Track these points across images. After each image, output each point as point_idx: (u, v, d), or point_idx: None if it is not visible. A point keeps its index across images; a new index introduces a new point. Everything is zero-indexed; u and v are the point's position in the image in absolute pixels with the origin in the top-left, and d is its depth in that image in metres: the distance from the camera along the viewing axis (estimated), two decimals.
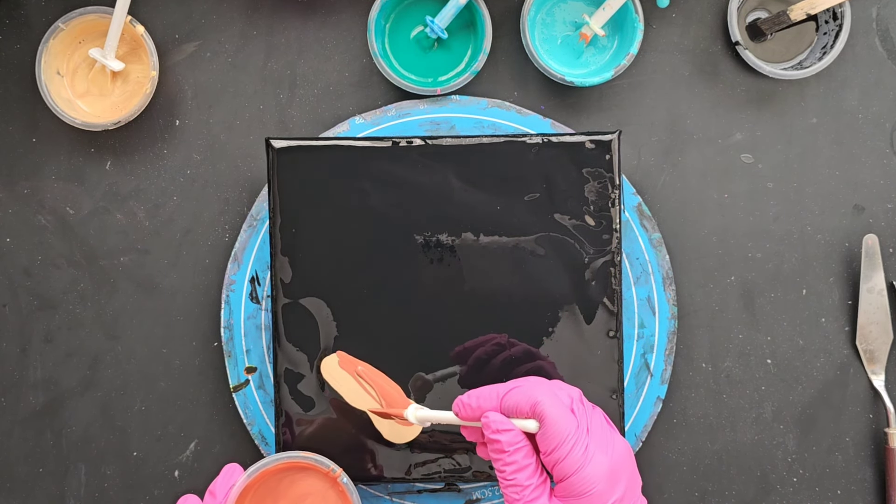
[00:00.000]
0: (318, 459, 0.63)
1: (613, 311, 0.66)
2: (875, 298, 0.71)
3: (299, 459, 0.63)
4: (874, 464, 0.71)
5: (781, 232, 0.72)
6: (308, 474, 0.65)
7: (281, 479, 0.65)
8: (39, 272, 0.72)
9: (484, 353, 0.65)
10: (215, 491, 0.62)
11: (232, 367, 0.70)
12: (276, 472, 0.64)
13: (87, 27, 0.70)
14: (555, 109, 0.72)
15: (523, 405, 0.54)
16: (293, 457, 0.63)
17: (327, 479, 0.64)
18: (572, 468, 0.53)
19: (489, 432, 0.55)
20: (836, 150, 0.72)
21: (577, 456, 0.53)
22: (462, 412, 0.56)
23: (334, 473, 0.63)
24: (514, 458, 0.54)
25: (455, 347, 0.65)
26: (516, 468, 0.54)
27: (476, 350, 0.65)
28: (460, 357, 0.65)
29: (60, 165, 0.72)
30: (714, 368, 0.71)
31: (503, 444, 0.54)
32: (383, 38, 0.71)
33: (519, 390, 0.55)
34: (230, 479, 0.62)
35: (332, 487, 0.64)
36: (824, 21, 0.71)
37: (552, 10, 0.71)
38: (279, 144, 0.66)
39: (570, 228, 0.65)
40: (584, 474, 0.53)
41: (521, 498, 0.54)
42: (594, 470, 0.53)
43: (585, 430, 0.54)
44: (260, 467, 0.62)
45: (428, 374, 0.65)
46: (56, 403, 0.72)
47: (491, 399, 0.56)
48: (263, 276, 0.70)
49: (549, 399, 0.54)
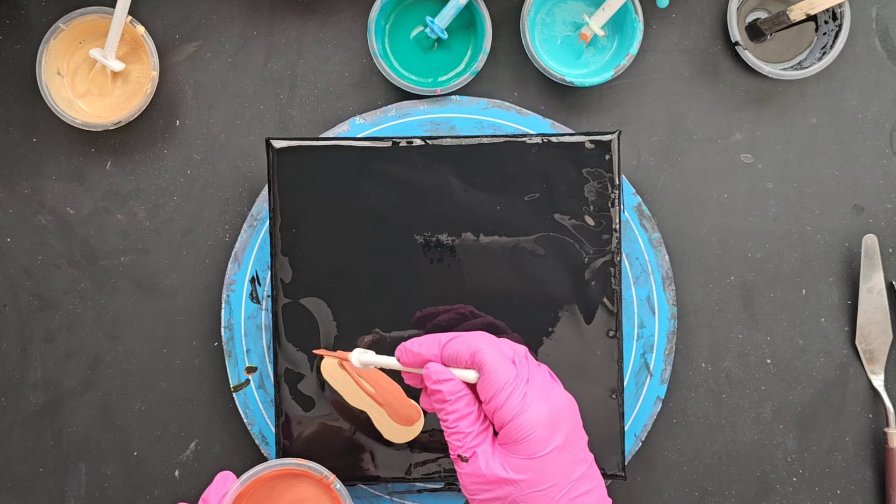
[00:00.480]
0: (311, 466, 0.63)
1: (613, 310, 0.66)
2: (875, 298, 0.71)
3: (292, 466, 0.63)
4: (874, 464, 0.71)
5: (781, 232, 0.72)
6: (301, 481, 0.65)
7: (274, 486, 0.65)
8: (40, 272, 0.72)
9: (444, 320, 0.65)
10: (208, 499, 0.62)
11: (232, 366, 0.70)
12: (270, 479, 0.64)
13: (88, 27, 0.70)
14: (555, 109, 0.72)
15: (463, 354, 0.55)
16: (286, 464, 0.63)
17: (321, 485, 0.64)
18: (510, 414, 0.54)
19: (430, 383, 0.56)
20: (835, 150, 0.72)
21: (515, 402, 0.54)
22: (404, 357, 0.57)
23: (327, 480, 0.63)
24: (456, 406, 0.55)
25: (417, 313, 0.65)
26: (458, 416, 0.55)
27: (437, 317, 0.65)
28: (420, 323, 0.65)
29: (61, 165, 0.72)
30: (714, 368, 0.71)
31: (444, 394, 0.55)
32: (383, 39, 0.71)
33: (460, 339, 0.56)
34: (223, 487, 0.62)
35: (325, 493, 0.64)
36: (824, 21, 0.71)
37: (552, 10, 0.71)
38: (279, 144, 0.66)
39: (569, 228, 0.65)
40: (521, 420, 0.54)
41: (463, 444, 0.55)
42: (532, 416, 0.54)
43: (525, 379, 0.55)
44: (253, 475, 0.62)
45: (386, 333, 0.65)
46: (56, 403, 0.72)
47: (432, 347, 0.56)
48: (264, 276, 0.70)
49: (489, 348, 0.55)
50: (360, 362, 0.59)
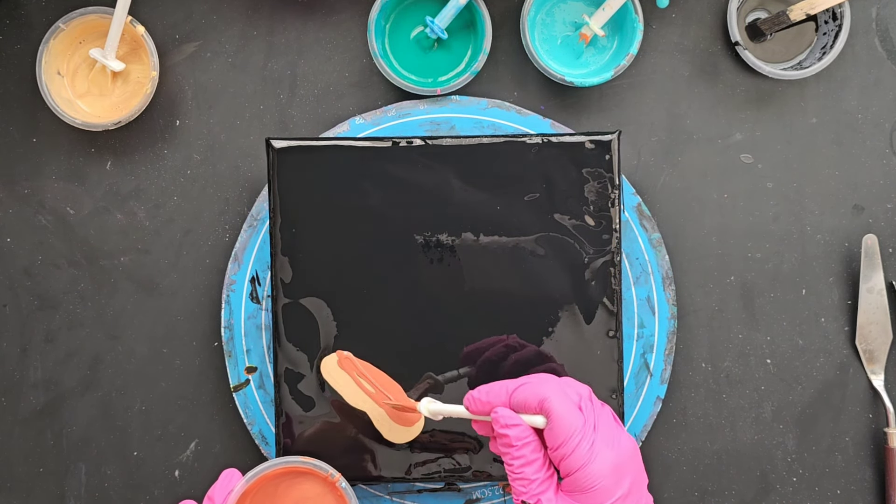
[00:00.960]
0: (316, 464, 0.63)
1: (613, 310, 0.66)
2: (875, 298, 0.71)
3: (297, 464, 0.63)
4: (874, 464, 0.71)
5: (781, 232, 0.72)
6: (306, 479, 0.65)
7: (279, 484, 0.65)
8: (40, 272, 0.72)
9: (494, 354, 0.65)
10: (213, 496, 0.62)
11: (232, 366, 0.70)
12: (274, 477, 0.64)
13: (88, 27, 0.70)
14: (555, 109, 0.72)
15: (531, 401, 0.55)
16: (291, 461, 0.63)
17: (325, 483, 0.64)
18: (578, 464, 0.54)
19: (498, 427, 0.56)
20: (835, 150, 0.72)
21: (583, 452, 0.54)
22: (472, 406, 0.58)
23: (333, 478, 0.63)
24: (522, 452, 0.55)
25: (465, 348, 0.65)
26: (524, 462, 0.55)
27: (485, 352, 0.65)
28: (469, 358, 0.66)
29: (61, 165, 0.72)
30: (714, 368, 0.71)
31: (511, 439, 0.55)
32: (383, 39, 0.71)
33: (528, 386, 0.56)
34: (228, 485, 0.62)
35: (330, 492, 0.64)
36: (824, 21, 0.71)
37: (552, 10, 0.71)
38: (279, 144, 0.66)
39: (569, 228, 0.65)
40: (589, 470, 0.54)
41: (528, 491, 0.55)
42: (599, 466, 0.54)
43: (592, 426, 0.55)
44: (258, 472, 0.62)
45: (438, 375, 0.65)
46: (56, 403, 0.72)
47: (500, 394, 0.57)
48: (264, 276, 0.70)
49: (556, 395, 0.55)
50: (429, 412, 0.60)
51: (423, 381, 0.66)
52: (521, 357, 0.65)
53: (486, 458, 0.66)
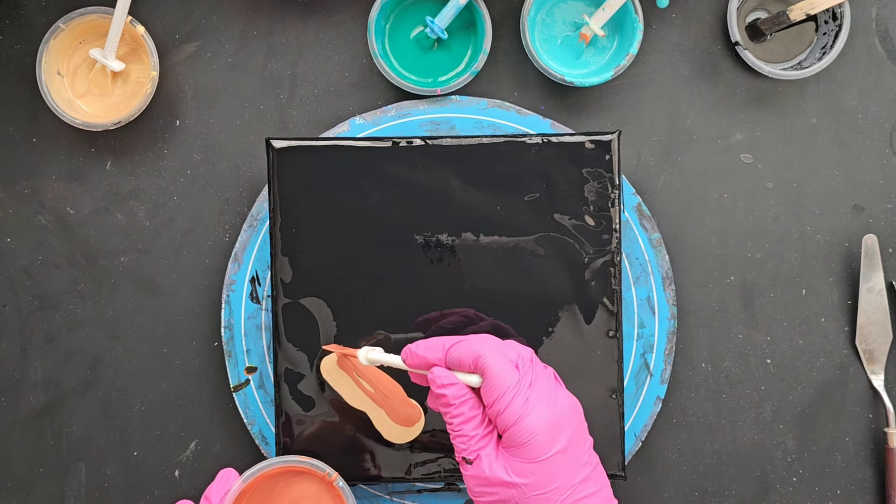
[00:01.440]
0: (313, 464, 0.63)
1: (613, 310, 0.66)
2: (875, 298, 0.71)
3: (294, 464, 0.63)
4: (874, 464, 0.71)
5: (781, 232, 0.72)
6: (303, 478, 0.65)
7: (276, 484, 0.65)
8: (40, 272, 0.72)
9: (449, 323, 0.65)
10: (210, 496, 0.62)
11: (232, 366, 0.70)
12: (272, 477, 0.64)
13: (88, 27, 0.70)
14: (555, 109, 0.72)
15: (466, 359, 0.56)
16: (288, 461, 0.63)
17: (323, 482, 0.64)
18: (512, 418, 0.54)
19: (435, 387, 0.56)
20: (835, 150, 0.72)
21: (517, 407, 0.54)
22: (409, 360, 0.58)
23: (330, 477, 0.63)
24: (461, 410, 0.56)
25: (419, 317, 0.65)
26: (462, 419, 0.56)
27: (441, 321, 0.65)
28: (423, 326, 0.65)
29: (61, 165, 0.72)
30: (714, 368, 0.71)
31: (448, 398, 0.56)
32: (383, 39, 0.71)
33: (463, 344, 0.57)
34: (225, 484, 0.62)
35: (327, 491, 0.64)
36: (824, 21, 0.71)
37: (552, 10, 0.71)
38: (279, 144, 0.66)
39: (569, 228, 0.66)
40: (523, 424, 0.54)
41: (467, 447, 0.55)
42: (533, 421, 0.54)
43: (528, 384, 0.55)
44: (255, 472, 0.63)
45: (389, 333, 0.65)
46: (56, 403, 0.72)
47: (436, 351, 0.57)
48: (264, 276, 0.70)
49: (491, 352, 0.56)
50: (367, 359, 0.60)
51: (374, 336, 0.65)
52: (476, 328, 0.65)
53: None
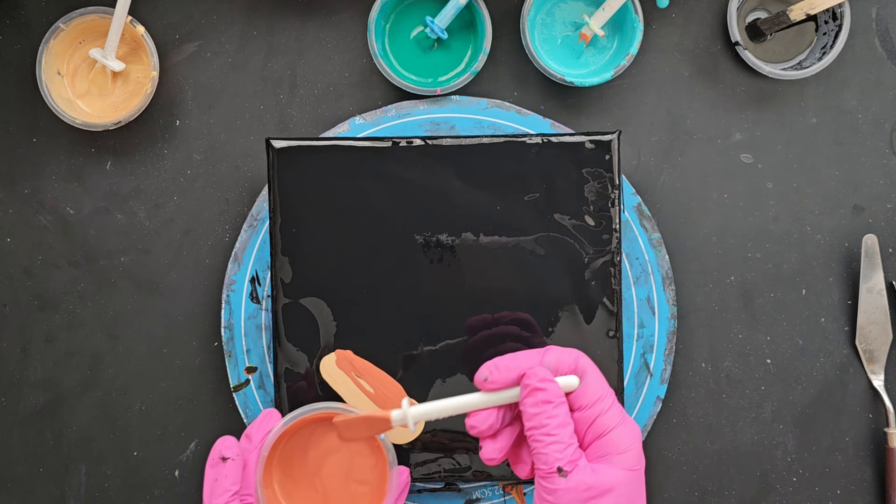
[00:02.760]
0: (355, 412, 0.62)
1: (613, 310, 0.66)
2: (875, 298, 0.71)
3: (338, 410, 0.62)
4: (874, 464, 0.71)
5: (781, 232, 0.72)
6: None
7: (315, 430, 0.64)
8: (40, 272, 0.72)
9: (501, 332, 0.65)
10: (252, 435, 0.61)
11: (232, 366, 0.70)
12: (312, 422, 0.63)
13: (88, 27, 0.70)
14: (555, 109, 0.72)
15: (566, 360, 0.52)
16: (331, 407, 0.62)
17: None
18: (612, 423, 0.51)
19: (535, 381, 0.51)
20: (835, 150, 0.72)
21: (617, 412, 0.52)
22: (494, 374, 0.52)
23: None
24: (558, 411, 0.51)
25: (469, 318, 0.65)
26: (559, 422, 0.51)
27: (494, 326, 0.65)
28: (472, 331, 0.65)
29: (61, 165, 0.72)
30: (714, 368, 0.71)
31: (549, 394, 0.51)
32: (383, 39, 0.71)
33: (558, 348, 0.53)
34: (268, 425, 0.62)
35: (367, 440, 0.63)
36: (824, 21, 0.71)
37: (552, 10, 0.71)
38: (279, 144, 0.66)
39: (569, 228, 0.65)
40: (623, 430, 0.51)
41: (564, 456, 0.50)
42: (631, 428, 0.52)
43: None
44: (297, 415, 0.61)
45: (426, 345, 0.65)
46: (56, 403, 0.72)
47: (531, 358, 0.52)
48: (264, 276, 0.70)
49: (588, 358, 0.53)
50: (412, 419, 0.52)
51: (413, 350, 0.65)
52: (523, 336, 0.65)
53: None
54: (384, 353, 0.66)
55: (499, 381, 0.52)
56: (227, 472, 0.59)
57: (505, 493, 0.69)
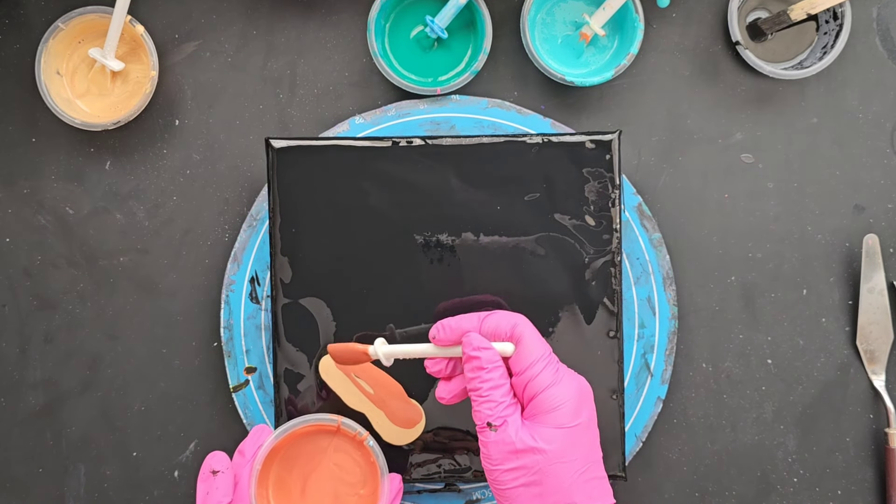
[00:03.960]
0: (345, 422, 0.63)
1: (613, 311, 0.66)
2: (875, 298, 0.71)
3: (327, 422, 0.63)
4: (874, 464, 0.71)
5: (781, 232, 0.72)
6: (335, 437, 0.65)
7: (307, 442, 0.65)
8: (39, 272, 0.72)
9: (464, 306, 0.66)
10: (244, 450, 0.63)
11: (232, 367, 0.70)
12: (304, 435, 0.65)
13: (87, 27, 0.70)
14: (555, 109, 0.72)
15: (503, 326, 0.57)
16: (321, 419, 0.63)
17: (353, 441, 0.64)
18: (545, 383, 0.56)
19: (469, 349, 0.57)
20: (836, 150, 0.72)
21: (549, 374, 0.56)
22: (441, 333, 0.59)
23: (361, 436, 0.63)
24: (492, 375, 0.56)
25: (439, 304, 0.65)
26: (492, 385, 0.56)
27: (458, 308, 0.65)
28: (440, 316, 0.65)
29: (60, 165, 0.72)
30: (714, 368, 0.71)
31: (483, 361, 0.57)
32: (383, 38, 0.71)
33: (499, 314, 0.58)
34: (259, 439, 0.63)
35: (357, 450, 0.65)
36: (824, 21, 0.71)
37: (552, 9, 0.71)
38: (279, 144, 0.66)
39: (570, 228, 0.65)
40: (554, 390, 0.56)
41: (493, 413, 0.56)
42: (564, 388, 0.56)
43: (556, 359, 0.58)
44: (288, 428, 0.63)
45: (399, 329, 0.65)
46: (56, 404, 0.72)
47: (471, 321, 0.58)
48: (263, 276, 0.70)
49: (526, 323, 0.58)
50: (382, 354, 0.59)
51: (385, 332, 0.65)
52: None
53: None
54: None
55: (444, 339, 0.59)
56: (219, 484, 0.62)
57: None
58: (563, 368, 0.58)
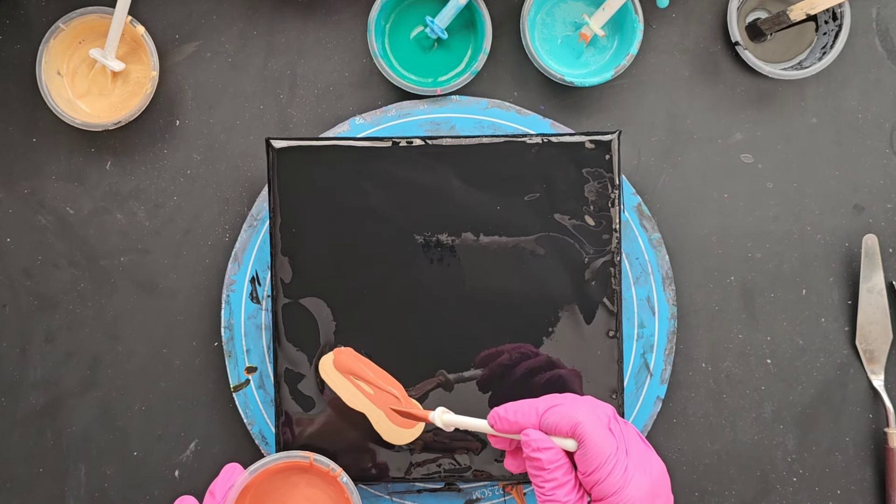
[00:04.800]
0: (317, 459, 0.63)
1: (613, 310, 0.66)
2: (875, 298, 0.71)
3: (299, 459, 0.63)
4: (874, 464, 0.71)
5: (781, 232, 0.72)
6: (307, 474, 0.65)
7: (280, 479, 0.65)
8: (40, 272, 0.72)
9: (507, 360, 0.65)
10: (215, 491, 0.62)
11: (232, 366, 0.70)
12: (276, 472, 0.64)
13: (88, 27, 0.70)
14: (555, 109, 0.72)
15: (563, 425, 0.54)
16: (292, 456, 0.63)
17: (327, 478, 0.64)
18: (612, 489, 0.53)
19: (529, 450, 0.54)
20: (835, 150, 0.72)
21: (618, 477, 0.53)
22: (498, 425, 0.56)
23: (334, 473, 0.63)
24: (555, 475, 0.54)
25: (480, 353, 0.65)
26: (555, 485, 0.54)
27: (500, 357, 0.65)
28: (484, 362, 0.65)
29: (61, 165, 0.72)
30: (714, 368, 0.71)
31: (543, 462, 0.54)
32: (383, 39, 0.71)
33: (559, 409, 0.55)
34: (230, 479, 0.62)
35: (331, 486, 0.64)
36: (824, 21, 0.71)
37: (552, 10, 0.71)
38: (279, 144, 0.66)
39: (569, 228, 0.65)
40: (623, 495, 0.53)
41: None
42: (633, 491, 0.53)
43: (625, 451, 0.54)
44: (259, 467, 0.63)
45: (450, 374, 0.65)
46: (56, 403, 0.72)
47: (529, 415, 0.55)
48: (264, 276, 0.70)
49: (588, 419, 0.54)
50: (443, 423, 0.59)
51: (435, 377, 0.65)
52: (533, 364, 0.65)
53: (487, 458, 0.66)
54: (383, 353, 0.66)
55: (503, 430, 0.56)
56: None
57: (505, 492, 0.69)
58: (634, 463, 0.54)
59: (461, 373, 0.65)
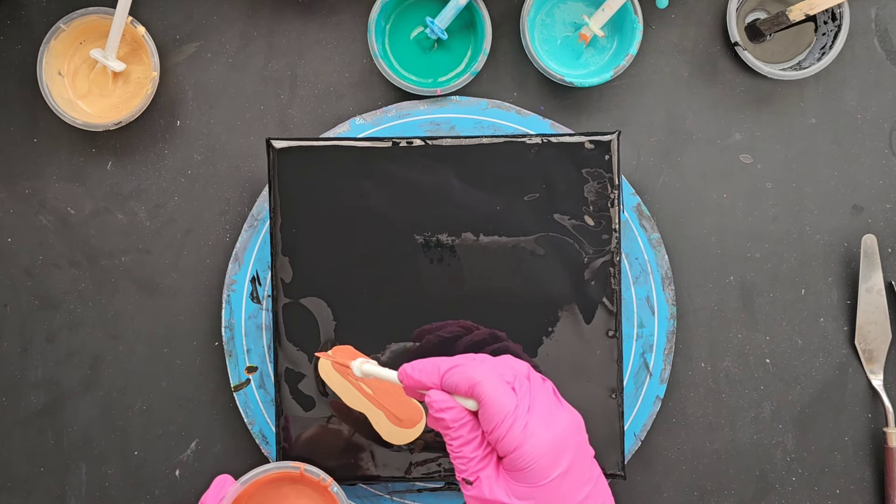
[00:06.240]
0: (308, 469, 0.63)
1: (613, 310, 0.66)
2: (874, 298, 0.71)
3: (289, 469, 0.63)
4: (873, 463, 0.71)
5: (780, 232, 0.72)
6: (299, 484, 0.65)
7: (271, 490, 0.65)
8: (40, 272, 0.72)
9: (447, 332, 0.65)
10: (206, 502, 0.62)
11: (233, 366, 0.70)
12: (267, 483, 0.65)
13: (89, 28, 0.70)
14: (554, 110, 0.72)
15: (462, 385, 0.55)
16: (283, 467, 0.63)
17: (318, 488, 0.64)
18: (512, 445, 0.54)
19: (433, 411, 0.56)
20: (835, 151, 0.72)
21: (516, 434, 0.54)
22: (405, 381, 0.57)
23: (324, 483, 0.63)
24: (459, 433, 0.55)
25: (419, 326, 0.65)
26: (462, 442, 0.55)
27: (439, 330, 0.65)
28: (419, 336, 0.66)
29: (61, 166, 0.72)
30: (713, 368, 0.71)
31: (447, 422, 0.55)
32: (383, 39, 0.71)
33: (459, 370, 0.55)
34: (221, 491, 0.62)
35: (322, 496, 0.65)
36: (823, 22, 0.71)
37: (552, 10, 0.71)
38: (280, 145, 0.66)
39: (569, 228, 0.66)
40: (523, 451, 0.54)
41: (466, 469, 0.55)
42: (533, 447, 0.54)
43: (527, 408, 0.55)
44: (250, 478, 0.63)
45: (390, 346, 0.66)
46: (57, 403, 0.72)
47: (432, 374, 0.56)
48: (264, 276, 0.70)
49: (487, 379, 0.55)
50: (361, 371, 0.60)
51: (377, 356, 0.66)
52: (473, 339, 0.65)
53: None
54: (383, 353, 0.66)
55: (409, 386, 0.57)
56: None
57: None
58: (535, 417, 0.54)
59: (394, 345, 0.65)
